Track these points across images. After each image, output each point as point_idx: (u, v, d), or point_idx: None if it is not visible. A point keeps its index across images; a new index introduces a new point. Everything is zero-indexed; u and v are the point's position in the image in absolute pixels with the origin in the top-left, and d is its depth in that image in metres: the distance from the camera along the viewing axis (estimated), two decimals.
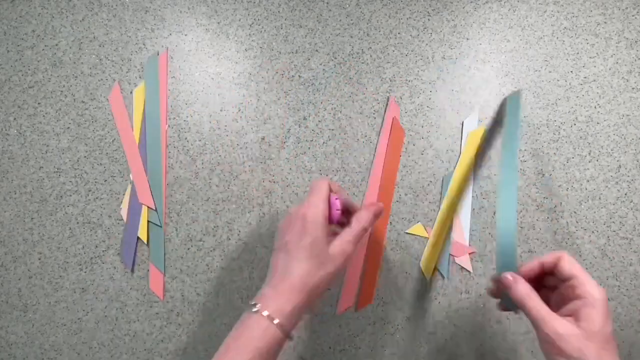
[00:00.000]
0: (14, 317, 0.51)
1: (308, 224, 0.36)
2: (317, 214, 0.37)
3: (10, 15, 0.54)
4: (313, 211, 0.37)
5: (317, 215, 0.37)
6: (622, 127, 0.52)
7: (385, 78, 0.53)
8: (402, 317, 0.51)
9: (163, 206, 0.52)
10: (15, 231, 0.52)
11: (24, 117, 0.53)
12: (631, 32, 0.53)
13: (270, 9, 0.54)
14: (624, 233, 0.50)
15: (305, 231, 0.36)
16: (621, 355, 0.50)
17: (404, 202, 0.52)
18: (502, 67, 0.53)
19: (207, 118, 0.53)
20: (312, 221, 0.36)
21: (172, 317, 0.51)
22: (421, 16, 0.54)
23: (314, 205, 0.37)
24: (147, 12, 0.54)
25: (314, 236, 0.36)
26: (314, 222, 0.37)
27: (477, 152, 0.52)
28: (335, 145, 0.53)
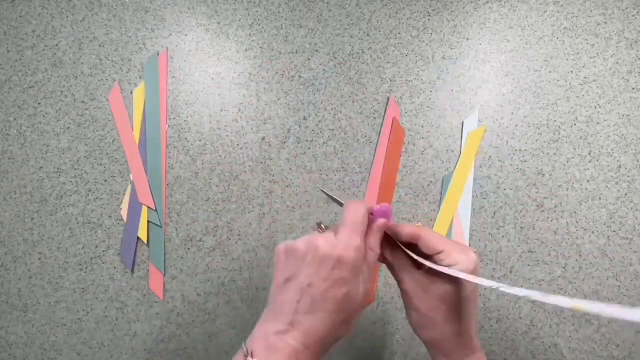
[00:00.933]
0: (14, 317, 0.51)
1: (344, 272, 0.29)
2: (357, 259, 0.30)
3: (10, 15, 0.54)
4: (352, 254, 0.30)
5: (356, 261, 0.30)
6: (622, 127, 0.52)
7: (385, 78, 0.53)
8: (402, 317, 0.51)
9: (163, 206, 0.52)
10: (15, 231, 0.52)
11: (24, 117, 0.53)
12: (631, 32, 0.53)
13: (270, 9, 0.54)
14: (624, 233, 0.50)
15: (339, 280, 0.29)
16: (621, 355, 0.50)
17: (404, 202, 0.52)
18: (502, 67, 0.53)
19: (207, 118, 0.53)
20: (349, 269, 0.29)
21: (172, 317, 0.51)
22: (421, 16, 0.54)
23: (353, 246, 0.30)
24: (147, 12, 0.54)
25: (349, 287, 0.29)
26: (352, 269, 0.30)
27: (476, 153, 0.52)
28: (335, 145, 0.53)
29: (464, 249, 0.32)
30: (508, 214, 0.51)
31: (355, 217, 0.31)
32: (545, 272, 0.51)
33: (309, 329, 0.29)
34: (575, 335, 0.50)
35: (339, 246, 0.30)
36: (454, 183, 0.51)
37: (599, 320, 0.50)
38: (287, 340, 0.29)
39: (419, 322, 0.34)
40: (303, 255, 0.30)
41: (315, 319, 0.29)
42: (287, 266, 0.31)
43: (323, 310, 0.29)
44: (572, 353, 0.50)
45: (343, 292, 0.29)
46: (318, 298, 0.29)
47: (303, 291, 0.29)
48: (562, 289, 0.50)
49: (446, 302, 0.32)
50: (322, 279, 0.29)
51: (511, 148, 0.52)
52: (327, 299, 0.29)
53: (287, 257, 0.31)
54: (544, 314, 0.50)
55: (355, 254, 0.30)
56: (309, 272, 0.29)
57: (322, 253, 0.29)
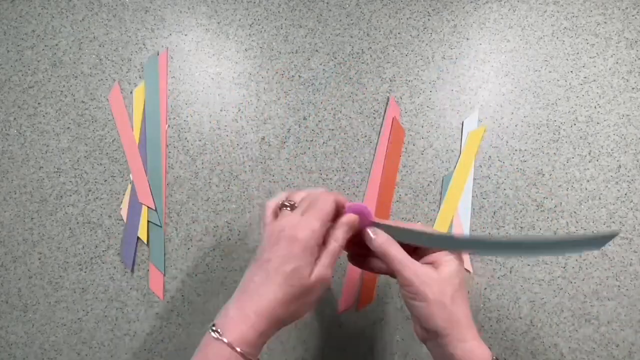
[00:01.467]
0: (14, 317, 0.51)
1: (295, 248, 0.32)
2: (310, 238, 0.32)
3: (10, 15, 0.54)
4: (305, 233, 0.32)
5: (309, 239, 0.32)
6: (622, 127, 0.52)
7: (385, 78, 0.53)
8: (402, 317, 0.51)
9: (163, 206, 0.52)
10: (15, 231, 0.52)
11: (24, 117, 0.53)
12: (631, 32, 0.53)
13: (270, 9, 0.54)
14: (624, 233, 0.50)
15: (290, 255, 0.32)
16: (621, 355, 0.50)
17: (404, 202, 0.52)
18: (502, 67, 0.53)
19: (207, 118, 0.53)
20: (301, 245, 0.32)
21: (172, 317, 0.51)
22: (421, 16, 0.54)
23: (308, 226, 0.33)
24: (147, 12, 0.54)
25: (298, 263, 0.32)
26: (304, 246, 0.32)
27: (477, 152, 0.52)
28: (335, 145, 0.53)
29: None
30: (508, 214, 0.51)
31: (322, 204, 0.34)
32: (545, 272, 0.51)
33: (260, 298, 0.32)
34: (575, 335, 0.50)
35: (297, 226, 0.33)
36: (454, 183, 0.51)
37: (599, 320, 0.50)
38: (242, 306, 0.32)
39: (428, 311, 0.34)
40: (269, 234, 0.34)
41: (266, 290, 0.32)
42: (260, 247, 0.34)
43: (273, 283, 0.32)
44: (572, 353, 0.50)
45: (291, 267, 0.32)
46: (271, 272, 0.32)
47: (262, 266, 0.33)
48: (562, 289, 0.50)
49: (451, 284, 0.34)
50: (277, 255, 0.32)
51: (511, 148, 0.52)
52: (278, 272, 0.32)
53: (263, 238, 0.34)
54: (544, 314, 0.50)
55: (309, 234, 0.32)
56: (270, 249, 0.33)
57: (283, 233, 0.33)
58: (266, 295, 0.32)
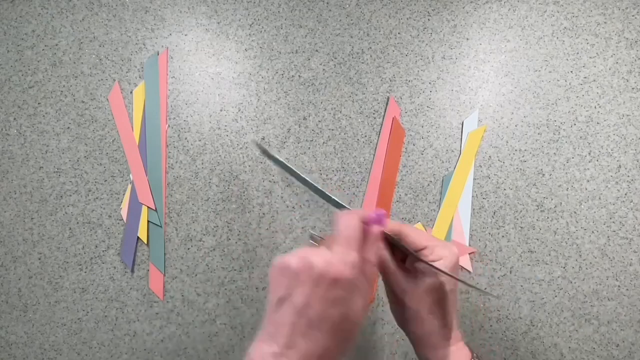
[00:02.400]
0: (14, 317, 0.51)
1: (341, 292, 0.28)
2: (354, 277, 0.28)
3: (10, 15, 0.54)
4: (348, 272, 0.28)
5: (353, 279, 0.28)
6: (622, 127, 0.52)
7: (385, 78, 0.53)
8: None
9: (163, 206, 0.52)
10: (15, 231, 0.52)
11: (24, 117, 0.53)
12: (631, 32, 0.53)
13: (270, 9, 0.54)
14: (624, 233, 0.50)
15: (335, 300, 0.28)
16: (621, 355, 0.50)
17: (404, 202, 0.52)
18: (502, 67, 0.53)
19: (207, 118, 0.53)
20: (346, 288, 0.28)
21: (172, 317, 0.51)
22: (421, 16, 0.54)
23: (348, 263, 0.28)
24: (147, 12, 0.54)
25: (347, 307, 0.28)
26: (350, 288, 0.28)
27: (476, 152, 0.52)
28: (335, 145, 0.53)
29: (446, 244, 0.34)
30: (508, 214, 0.51)
31: (349, 230, 0.30)
32: (545, 272, 0.51)
33: (307, 351, 0.27)
34: (575, 335, 0.50)
35: (334, 264, 0.28)
36: (454, 183, 0.51)
37: (599, 320, 0.50)
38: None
39: (404, 316, 0.35)
40: (296, 273, 0.28)
41: (312, 341, 0.28)
42: (280, 285, 0.29)
43: (320, 332, 0.28)
44: (572, 353, 0.50)
45: (341, 312, 0.28)
46: (315, 319, 0.28)
47: (299, 312, 0.28)
48: (562, 289, 0.50)
49: (431, 296, 0.33)
50: (318, 299, 0.28)
51: (511, 148, 0.52)
52: (324, 320, 0.28)
53: (280, 274, 0.29)
54: (544, 314, 0.50)
55: (351, 272, 0.28)
56: (304, 291, 0.28)
57: (318, 272, 0.28)
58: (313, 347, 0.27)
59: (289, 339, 0.28)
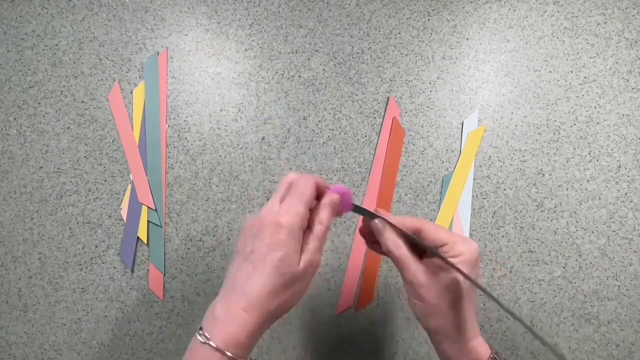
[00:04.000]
0: (14, 317, 0.51)
1: (281, 235, 0.30)
2: (295, 222, 0.31)
3: (10, 15, 0.54)
4: (289, 218, 0.30)
5: (294, 224, 0.30)
6: (622, 127, 0.52)
7: (385, 78, 0.53)
8: (402, 317, 0.51)
9: (163, 206, 0.52)
10: (15, 231, 0.52)
11: (24, 117, 0.53)
12: (631, 32, 0.53)
13: (270, 9, 0.54)
14: (624, 233, 0.50)
15: (276, 242, 0.30)
16: (621, 355, 0.50)
17: (404, 202, 0.52)
18: (502, 67, 0.53)
19: (207, 118, 0.53)
20: (286, 231, 0.30)
21: (172, 317, 0.51)
22: (421, 16, 0.54)
23: (292, 211, 0.31)
24: (147, 12, 0.54)
25: (286, 250, 0.30)
26: (290, 232, 0.30)
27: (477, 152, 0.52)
28: (335, 145, 0.53)
29: (466, 240, 0.34)
30: (508, 214, 0.51)
31: (303, 187, 0.32)
32: (545, 272, 0.51)
33: (248, 292, 0.30)
34: (575, 335, 0.50)
35: (279, 212, 0.31)
36: (454, 183, 0.51)
37: (599, 320, 0.50)
38: (230, 307, 0.30)
39: (423, 311, 0.34)
40: (251, 227, 0.32)
41: (254, 282, 0.30)
42: (240, 242, 0.32)
43: (261, 274, 0.30)
44: (572, 353, 0.50)
45: (279, 255, 0.30)
46: (258, 262, 0.30)
47: (245, 259, 0.31)
48: (562, 289, 0.50)
49: (450, 291, 0.33)
50: (261, 244, 0.30)
51: (511, 148, 0.52)
52: (265, 262, 0.30)
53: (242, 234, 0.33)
54: (544, 314, 0.50)
55: (293, 219, 0.31)
56: (253, 240, 0.31)
57: (264, 219, 0.31)
58: (254, 289, 0.30)
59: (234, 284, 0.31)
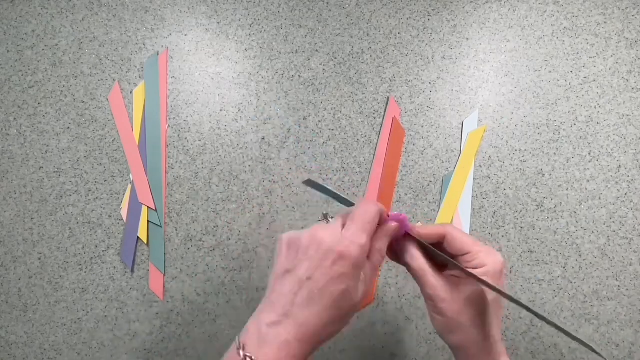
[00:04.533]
0: (14, 317, 0.51)
1: (345, 269, 0.28)
2: (359, 257, 0.29)
3: (10, 15, 0.54)
4: (355, 251, 0.29)
5: (358, 259, 0.29)
6: (622, 127, 0.52)
7: (385, 78, 0.53)
8: (402, 317, 0.51)
9: (163, 206, 0.52)
10: (15, 231, 0.52)
11: (24, 117, 0.53)
12: (631, 32, 0.53)
13: (270, 9, 0.54)
14: (624, 233, 0.50)
15: (339, 276, 0.28)
16: (621, 355, 0.50)
17: (404, 202, 0.52)
18: (502, 67, 0.53)
19: (207, 118, 0.53)
20: (350, 266, 0.28)
21: (172, 317, 0.51)
22: (421, 16, 0.54)
23: (357, 244, 0.29)
24: (147, 12, 0.54)
25: (348, 285, 0.29)
26: (353, 267, 0.29)
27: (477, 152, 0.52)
28: (335, 145, 0.53)
29: (491, 251, 0.32)
30: (508, 214, 0.51)
31: (365, 215, 0.30)
32: (545, 272, 0.51)
33: (304, 322, 0.28)
34: (575, 335, 0.50)
35: (343, 242, 0.29)
36: (454, 183, 0.51)
37: (599, 320, 0.50)
38: (280, 332, 0.28)
39: (445, 326, 0.33)
40: (306, 247, 0.29)
41: (310, 313, 0.28)
42: (288, 258, 0.30)
43: (319, 305, 0.28)
44: (572, 353, 0.50)
45: (342, 289, 0.28)
46: (316, 292, 0.28)
47: (301, 284, 0.29)
48: (562, 289, 0.50)
49: (473, 306, 0.32)
50: (322, 273, 0.28)
51: (511, 148, 0.52)
52: (325, 294, 0.28)
53: (289, 248, 0.30)
54: (544, 314, 0.50)
55: (359, 252, 0.29)
56: (309, 265, 0.29)
57: (326, 247, 0.29)
58: (310, 319, 0.28)
59: (288, 309, 0.28)
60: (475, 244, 0.33)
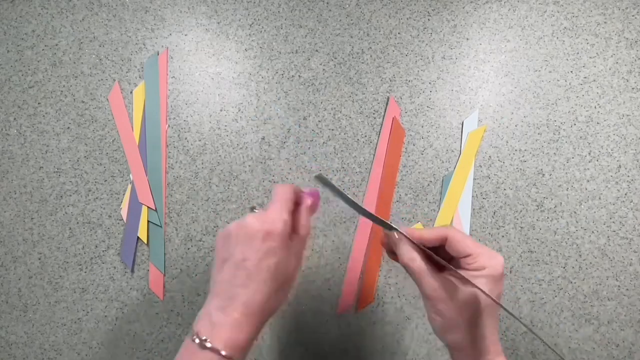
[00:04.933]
0: (14, 317, 0.51)
1: (274, 243, 0.31)
2: (284, 231, 0.32)
3: (10, 15, 0.54)
4: (279, 227, 0.32)
5: (283, 232, 0.32)
6: (622, 127, 0.52)
7: (385, 78, 0.53)
8: (402, 317, 0.51)
9: (163, 206, 0.52)
10: (15, 231, 0.52)
11: (24, 117, 0.53)
12: (631, 32, 0.53)
13: (270, 9, 0.54)
14: (624, 233, 0.50)
15: (269, 250, 0.31)
16: (621, 355, 0.50)
17: (404, 202, 0.52)
18: (502, 67, 0.53)
19: (207, 118, 0.53)
20: (278, 239, 0.32)
21: (172, 317, 0.51)
22: (421, 16, 0.54)
23: (279, 220, 0.32)
24: (147, 12, 0.54)
25: (280, 257, 0.32)
26: (280, 240, 0.32)
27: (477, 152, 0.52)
28: (335, 145, 0.53)
29: (492, 253, 0.33)
30: (508, 214, 0.51)
31: (282, 195, 0.34)
32: (545, 272, 0.51)
33: (247, 300, 0.31)
34: (575, 335, 0.50)
35: (267, 220, 0.32)
36: (454, 183, 0.51)
37: (599, 320, 0.50)
38: (229, 313, 0.30)
39: (443, 327, 0.33)
40: (236, 235, 0.32)
41: (251, 289, 0.31)
42: (223, 249, 0.33)
43: (258, 281, 0.31)
44: (572, 353, 0.50)
45: (275, 262, 0.31)
46: (252, 270, 0.31)
47: (238, 266, 0.31)
48: (562, 289, 0.50)
49: (471, 306, 0.32)
50: (254, 251, 0.31)
51: (511, 148, 0.52)
52: (261, 270, 0.31)
53: (222, 241, 0.33)
54: (544, 314, 0.50)
55: (283, 226, 0.32)
56: (242, 248, 0.32)
57: (254, 228, 0.32)
58: (253, 294, 0.31)
59: (231, 291, 0.31)
60: (476, 247, 0.33)
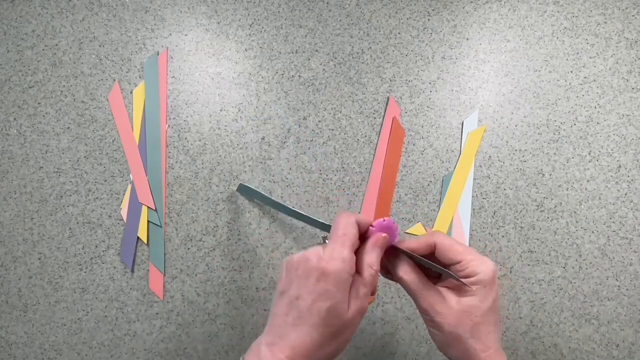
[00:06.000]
0: (14, 317, 0.51)
1: (328, 285, 0.29)
2: (341, 271, 0.29)
3: (10, 15, 0.54)
4: (336, 266, 0.29)
5: (340, 273, 0.29)
6: (622, 127, 0.52)
7: (385, 78, 0.53)
8: (402, 317, 0.51)
9: (163, 206, 0.52)
10: (15, 231, 0.52)
11: (24, 117, 0.53)
12: (631, 32, 0.53)
13: (270, 9, 0.54)
14: (624, 233, 0.50)
15: (323, 293, 0.29)
16: (621, 355, 0.50)
17: (404, 202, 0.52)
18: (502, 67, 0.53)
19: (207, 118, 0.53)
20: (333, 281, 0.29)
21: (172, 317, 0.51)
22: (421, 16, 0.54)
23: (337, 258, 0.29)
24: (147, 12, 0.54)
25: (334, 301, 0.29)
26: (336, 282, 0.29)
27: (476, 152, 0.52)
28: (335, 145, 0.53)
29: (483, 259, 0.32)
30: (508, 214, 0.51)
31: (343, 228, 0.31)
32: (545, 272, 0.51)
33: (296, 342, 0.29)
34: (575, 335, 0.50)
35: (324, 258, 0.29)
36: (454, 183, 0.51)
37: (599, 320, 0.50)
38: (275, 353, 0.29)
39: (444, 341, 0.32)
40: (296, 268, 0.30)
41: (301, 332, 0.29)
42: (285, 280, 0.31)
43: (308, 324, 0.29)
44: (572, 353, 0.50)
45: (327, 306, 0.29)
46: (304, 311, 0.29)
47: (292, 304, 0.30)
48: (562, 289, 0.50)
49: (470, 316, 0.31)
50: (308, 291, 0.29)
51: (511, 148, 0.52)
52: (312, 313, 0.29)
53: (286, 270, 0.31)
54: (544, 314, 0.50)
55: (340, 266, 0.29)
56: (298, 284, 0.30)
57: (310, 265, 0.29)
58: (301, 338, 0.29)
59: (282, 329, 0.29)
60: (466, 252, 0.32)
